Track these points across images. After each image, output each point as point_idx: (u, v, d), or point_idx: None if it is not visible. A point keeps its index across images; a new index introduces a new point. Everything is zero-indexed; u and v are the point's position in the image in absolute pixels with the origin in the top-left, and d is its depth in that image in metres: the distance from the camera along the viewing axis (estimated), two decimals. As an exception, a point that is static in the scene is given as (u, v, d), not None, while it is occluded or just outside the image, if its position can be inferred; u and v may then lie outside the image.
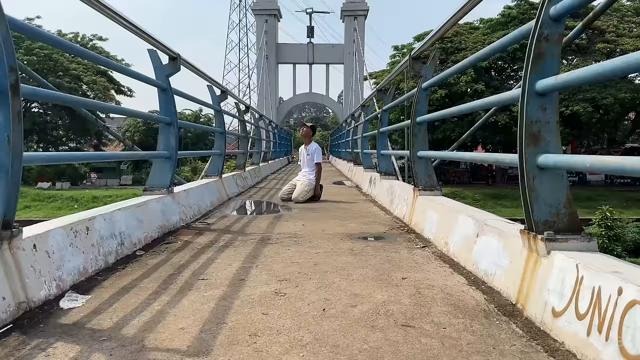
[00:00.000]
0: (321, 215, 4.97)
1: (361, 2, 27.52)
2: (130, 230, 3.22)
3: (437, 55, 4.08)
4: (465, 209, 3.14)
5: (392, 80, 6.01)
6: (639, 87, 31.94)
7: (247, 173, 8.91)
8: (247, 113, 8.92)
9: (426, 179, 4.16)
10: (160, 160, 4.18)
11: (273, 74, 29.04)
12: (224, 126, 6.43)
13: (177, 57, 4.14)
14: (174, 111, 4.17)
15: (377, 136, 6.52)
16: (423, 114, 4.13)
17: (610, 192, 33.09)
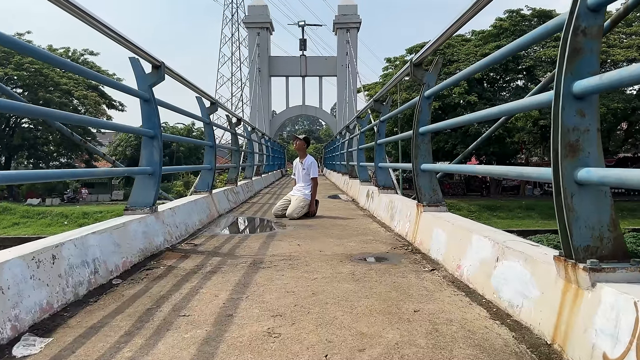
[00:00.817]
0: (318, 233, 4.65)
1: (354, 15, 27.47)
2: (106, 256, 2.88)
3: (441, 61, 3.81)
4: (479, 228, 2.84)
5: (389, 89, 5.75)
6: (631, 97, 32.07)
7: (240, 187, 8.59)
8: (238, 126, 8.62)
9: (431, 193, 3.86)
10: (143, 177, 3.85)
11: (266, 86, 28.82)
12: (214, 139, 6.11)
13: (161, 65, 3.84)
14: (158, 123, 3.86)
15: (375, 148, 6.24)
16: (426, 124, 3.84)
17: (605, 202, 32.89)
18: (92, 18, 2.87)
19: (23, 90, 39.51)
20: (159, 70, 3.84)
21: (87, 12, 2.80)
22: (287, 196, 6.38)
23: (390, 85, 5.35)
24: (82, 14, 2.77)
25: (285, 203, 6.16)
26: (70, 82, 39.15)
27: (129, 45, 3.40)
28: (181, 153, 46.03)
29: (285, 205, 6.11)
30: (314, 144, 77.42)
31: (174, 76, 4.31)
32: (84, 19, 2.86)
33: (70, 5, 2.65)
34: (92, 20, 2.89)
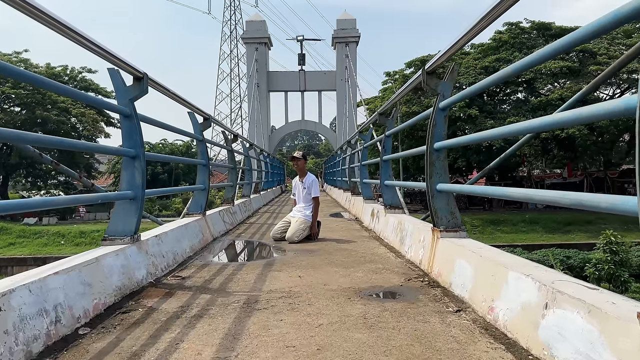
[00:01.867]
0: (320, 261, 4.19)
1: (352, 29, 27.28)
2: (72, 301, 2.43)
3: (457, 68, 3.41)
4: (515, 263, 2.39)
5: (395, 102, 5.34)
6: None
7: (237, 207, 8.15)
8: (235, 142, 8.21)
9: (448, 217, 3.42)
10: (123, 203, 3.41)
11: (264, 102, 28.52)
12: (208, 157, 5.69)
13: (144, 76, 3.43)
14: (140, 142, 3.43)
15: (380, 164, 5.81)
16: (442, 139, 3.42)
17: (609, 215, 32.46)
18: (55, 21, 2.46)
19: (21, 108, 39.30)
20: (141, 83, 3.43)
21: (50, 14, 2.40)
22: (287, 217, 5.94)
23: (397, 97, 4.95)
24: (45, 18, 2.36)
25: (284, 225, 5.71)
26: (68, 100, 38.91)
27: (105, 55, 2.99)
28: (180, 170, 45.58)
29: (285, 227, 5.66)
30: (313, 159, 77.05)
31: (160, 89, 3.90)
32: (48, 23, 2.46)
33: (29, 5, 2.25)
34: (55, 23, 2.48)
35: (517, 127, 2.40)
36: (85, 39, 2.69)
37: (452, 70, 3.40)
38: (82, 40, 2.65)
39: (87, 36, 2.75)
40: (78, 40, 2.64)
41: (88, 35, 2.75)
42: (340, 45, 27.53)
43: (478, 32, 2.70)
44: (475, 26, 2.63)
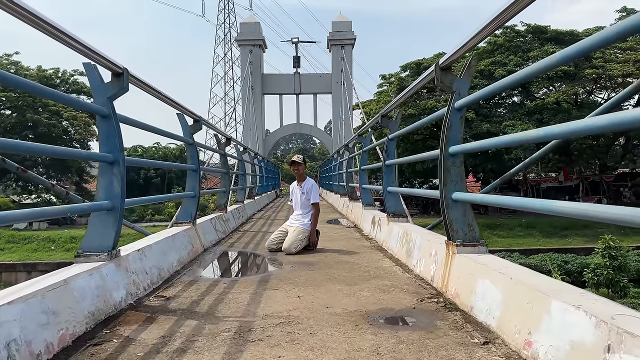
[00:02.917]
0: (321, 276, 3.82)
1: (348, 32, 26.97)
2: (32, 334, 2.04)
3: (474, 63, 3.05)
4: (556, 288, 2.03)
5: (399, 102, 4.98)
6: (629, 112, 31.66)
7: (230, 214, 7.76)
8: (228, 146, 7.83)
9: (465, 229, 3.06)
10: (100, 214, 3.03)
11: (259, 105, 28.12)
12: (198, 162, 5.31)
13: (123, 72, 3.05)
14: (120, 145, 3.05)
15: (382, 169, 5.45)
16: (458, 143, 3.06)
17: (606, 218, 32.26)
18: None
19: (12, 111, 38.73)
20: (120, 79, 3.05)
21: None
22: (284, 226, 5.55)
23: (403, 97, 4.60)
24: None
25: (280, 235, 5.33)
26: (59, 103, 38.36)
27: (76, 45, 2.61)
28: (174, 174, 44.96)
29: (281, 238, 5.28)
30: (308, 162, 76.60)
31: (143, 86, 3.51)
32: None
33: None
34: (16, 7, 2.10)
35: (545, 132, 2.05)
36: (50, 25, 2.31)
37: (469, 65, 3.05)
38: (45, 26, 2.27)
39: (54, 24, 2.38)
40: (40, 26, 2.26)
41: (55, 23, 2.37)
42: (335, 48, 27.21)
43: (502, 24, 2.37)
44: (502, 14, 2.28)
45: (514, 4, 2.15)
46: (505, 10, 2.24)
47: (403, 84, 34.05)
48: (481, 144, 2.88)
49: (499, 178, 4.42)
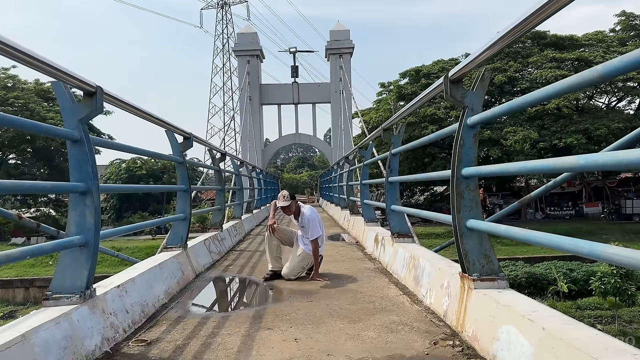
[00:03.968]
0: (321, 310, 3.46)
1: (346, 40, 26.76)
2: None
3: (488, 75, 2.73)
4: (605, 348, 1.68)
5: (402, 117, 4.66)
6: (631, 117, 31.46)
7: (226, 232, 7.41)
8: (223, 161, 7.50)
9: (482, 261, 2.72)
10: (72, 251, 2.69)
11: (257, 115, 27.85)
12: (189, 182, 4.97)
13: (97, 91, 2.72)
14: (93, 172, 2.72)
15: (385, 186, 5.12)
16: (472, 163, 2.73)
17: (610, 225, 32.04)
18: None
19: (9, 126, 38.43)
20: (93, 99, 2.73)
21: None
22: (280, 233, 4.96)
23: (407, 111, 4.28)
24: None
25: (277, 264, 4.85)
26: (58, 116, 38.13)
27: (37, 64, 2.29)
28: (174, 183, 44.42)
29: (279, 266, 4.84)
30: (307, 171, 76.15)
31: (121, 105, 3.19)
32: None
33: None
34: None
35: (571, 164, 1.73)
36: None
37: (483, 78, 2.73)
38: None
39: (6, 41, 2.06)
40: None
41: (8, 40, 2.05)
42: (333, 57, 26.98)
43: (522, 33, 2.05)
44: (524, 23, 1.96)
45: (539, 11, 1.83)
46: (528, 18, 1.92)
47: (402, 92, 33.85)
48: (503, 169, 2.54)
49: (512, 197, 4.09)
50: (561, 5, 1.72)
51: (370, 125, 35.89)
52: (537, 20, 1.90)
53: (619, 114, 32.03)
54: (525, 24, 1.98)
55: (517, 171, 2.29)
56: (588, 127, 29.64)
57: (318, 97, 28.37)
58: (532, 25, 1.96)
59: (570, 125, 29.98)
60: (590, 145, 30.75)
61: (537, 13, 1.86)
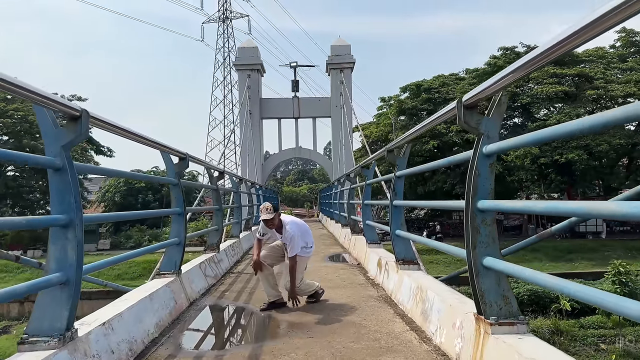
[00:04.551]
0: (323, 349, 3.20)
1: (347, 55, 26.74)
2: None
3: (505, 100, 2.53)
4: None
5: (409, 140, 4.44)
6: (632, 133, 31.35)
7: (223, 253, 7.16)
8: (221, 180, 7.28)
9: (500, 303, 2.48)
10: (53, 290, 2.46)
11: (257, 129, 27.71)
12: (184, 204, 4.74)
13: (82, 115, 2.52)
14: (76, 203, 2.50)
15: (390, 210, 4.89)
16: (488, 196, 2.51)
17: (612, 241, 31.73)
18: None
19: (8, 137, 38.40)
20: (78, 123, 2.52)
21: None
22: (263, 258, 4.63)
23: (414, 134, 4.06)
24: None
25: (275, 292, 4.61)
26: (57, 128, 37.97)
27: (15, 90, 2.08)
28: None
29: (277, 295, 4.59)
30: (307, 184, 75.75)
31: (109, 128, 2.98)
32: None
33: None
34: None
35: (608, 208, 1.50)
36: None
37: (500, 103, 2.52)
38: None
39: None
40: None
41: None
42: (334, 72, 26.93)
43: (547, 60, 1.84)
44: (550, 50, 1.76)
45: (569, 38, 1.62)
46: (556, 45, 1.72)
47: (403, 107, 33.80)
48: (525, 206, 2.30)
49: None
50: (592, 34, 1.52)
51: (370, 139, 35.81)
52: (565, 48, 1.70)
53: (620, 130, 31.89)
54: (551, 52, 1.78)
55: (542, 211, 2.06)
56: (589, 142, 29.51)
57: (318, 112, 28.27)
58: (559, 53, 1.77)
59: (571, 141, 29.83)
60: (592, 161, 30.62)
61: (565, 42, 1.66)
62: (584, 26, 1.50)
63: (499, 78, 2.23)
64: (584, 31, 1.51)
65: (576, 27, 1.54)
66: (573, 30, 1.56)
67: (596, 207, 1.63)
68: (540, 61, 1.89)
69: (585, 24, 1.50)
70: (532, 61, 1.92)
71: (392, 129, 33.22)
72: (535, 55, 1.89)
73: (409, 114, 34.17)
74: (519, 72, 2.07)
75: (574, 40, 1.59)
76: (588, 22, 1.49)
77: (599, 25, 1.46)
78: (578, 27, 1.53)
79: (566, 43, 1.64)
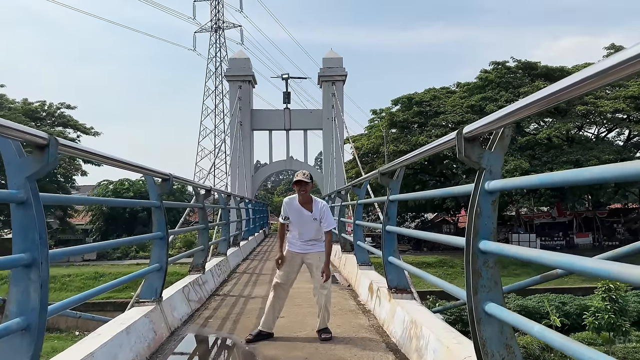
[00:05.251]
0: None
1: (339, 68, 26.69)
2: None
3: (509, 133, 2.36)
4: None
5: (403, 165, 4.26)
6: (620, 149, 31.61)
7: (208, 273, 6.90)
8: (208, 198, 7.05)
9: (503, 353, 2.28)
10: (13, 337, 2.21)
11: (247, 141, 27.48)
12: (166, 228, 4.51)
13: (49, 143, 2.30)
14: (41, 240, 2.27)
15: (383, 236, 4.69)
16: (490, 236, 2.33)
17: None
18: None
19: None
20: (45, 152, 2.30)
21: None
22: (281, 277, 4.41)
23: (409, 160, 3.89)
24: None
25: (272, 324, 4.38)
26: (44, 136, 37.40)
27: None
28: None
29: (270, 328, 4.34)
30: (298, 196, 75.30)
31: (81, 154, 2.76)
32: None
33: None
34: None
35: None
36: None
37: (503, 136, 2.35)
38: None
39: None
40: None
41: None
42: (326, 84, 26.86)
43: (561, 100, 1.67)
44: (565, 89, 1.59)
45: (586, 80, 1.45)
46: (569, 87, 1.55)
47: (394, 119, 33.80)
48: (527, 254, 2.09)
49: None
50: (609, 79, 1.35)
51: (361, 151, 35.73)
52: (580, 91, 1.53)
53: (609, 145, 32.19)
54: (565, 92, 1.61)
55: (538, 260, 1.87)
56: (579, 158, 29.66)
57: (310, 124, 28.13)
58: (571, 95, 1.59)
59: (561, 156, 29.98)
60: (581, 175, 30.70)
61: (581, 83, 1.49)
62: (608, 67, 1.33)
63: (506, 113, 2.04)
64: (610, 71, 1.34)
65: (600, 67, 1.37)
66: (596, 70, 1.38)
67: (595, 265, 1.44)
68: (553, 100, 1.71)
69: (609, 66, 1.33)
70: (547, 98, 1.74)
71: (383, 142, 33.19)
72: (542, 97, 1.72)
73: (400, 126, 34.19)
74: (529, 110, 1.89)
75: (596, 81, 1.42)
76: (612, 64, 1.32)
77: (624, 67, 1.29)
78: (602, 68, 1.36)
79: (583, 85, 1.47)
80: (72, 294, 26.47)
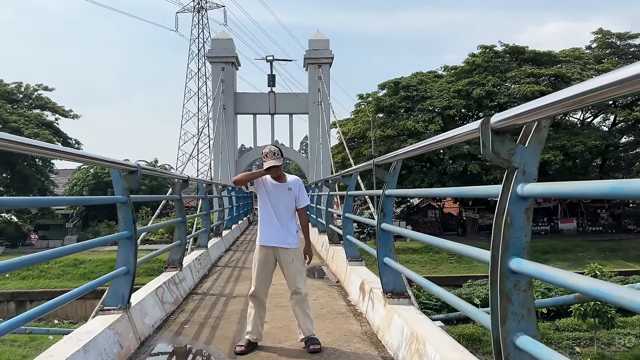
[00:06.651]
0: None
1: (325, 50, 26.00)
2: None
3: (548, 124, 1.89)
4: None
5: (402, 157, 3.78)
6: (606, 134, 31.64)
7: (187, 269, 6.41)
8: (185, 188, 6.51)
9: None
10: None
11: (231, 125, 26.75)
12: (134, 226, 3.98)
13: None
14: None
15: (378, 234, 4.23)
16: (523, 252, 1.87)
17: (585, 242, 32.02)
18: None
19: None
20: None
21: None
22: (257, 285, 3.92)
23: (409, 153, 3.40)
24: None
25: (260, 330, 3.91)
26: (21, 119, 36.26)
27: None
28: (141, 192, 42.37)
29: (258, 335, 3.89)
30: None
31: (39, 151, 2.21)
32: None
33: None
34: None
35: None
36: None
37: (540, 127, 1.88)
38: None
39: None
40: None
41: None
42: (312, 67, 26.16)
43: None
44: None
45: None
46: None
47: (381, 104, 33.30)
48: (560, 278, 1.64)
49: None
50: None
51: (348, 136, 35.21)
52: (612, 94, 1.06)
53: (595, 130, 32.19)
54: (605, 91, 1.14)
55: (568, 285, 1.42)
56: (565, 143, 29.61)
57: (295, 108, 27.48)
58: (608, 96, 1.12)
59: (547, 141, 29.87)
60: (567, 161, 30.75)
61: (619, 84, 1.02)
62: None
63: (548, 102, 1.56)
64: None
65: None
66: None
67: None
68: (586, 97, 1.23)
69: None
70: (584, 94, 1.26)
71: (370, 127, 32.68)
72: (584, 90, 1.24)
73: (387, 111, 33.71)
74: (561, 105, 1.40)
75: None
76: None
77: None
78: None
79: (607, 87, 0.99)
80: (51, 282, 25.67)
